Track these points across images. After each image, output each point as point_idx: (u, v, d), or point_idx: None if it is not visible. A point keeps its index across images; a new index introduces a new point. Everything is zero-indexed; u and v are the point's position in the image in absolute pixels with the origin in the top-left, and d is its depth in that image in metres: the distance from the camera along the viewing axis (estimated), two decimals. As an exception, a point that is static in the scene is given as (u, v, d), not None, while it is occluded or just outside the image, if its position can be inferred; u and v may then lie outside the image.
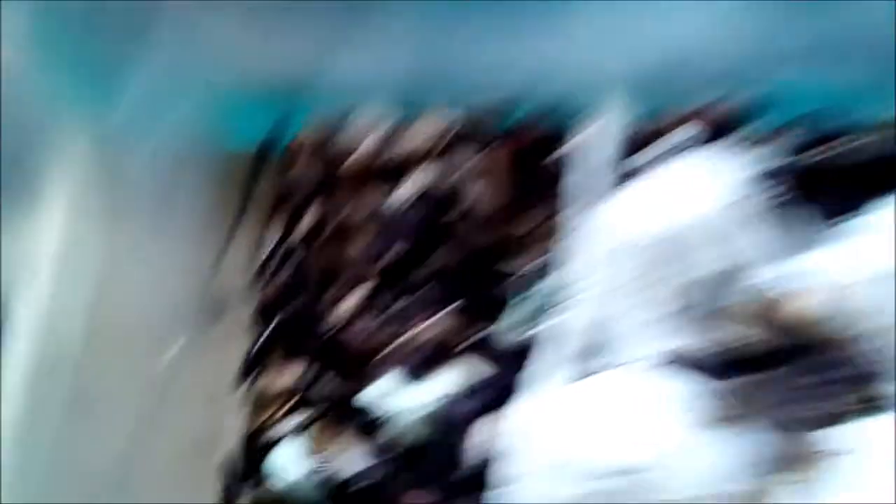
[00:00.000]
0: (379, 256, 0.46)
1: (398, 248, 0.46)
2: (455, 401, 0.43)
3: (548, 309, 0.41)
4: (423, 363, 0.44)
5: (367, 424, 0.44)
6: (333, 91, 0.46)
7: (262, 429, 0.45)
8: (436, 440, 0.43)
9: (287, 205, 0.49)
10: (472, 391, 0.43)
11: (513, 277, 0.44)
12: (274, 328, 0.47)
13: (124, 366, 0.43)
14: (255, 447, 0.45)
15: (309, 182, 0.49)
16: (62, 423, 0.39)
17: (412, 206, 0.46)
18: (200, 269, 0.47)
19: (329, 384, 0.45)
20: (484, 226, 0.46)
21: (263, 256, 0.48)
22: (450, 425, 0.43)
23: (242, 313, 0.48)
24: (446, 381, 0.44)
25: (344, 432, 0.44)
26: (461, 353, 0.44)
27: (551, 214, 0.43)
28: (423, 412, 0.43)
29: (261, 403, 0.46)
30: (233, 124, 0.48)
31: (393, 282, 0.46)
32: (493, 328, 0.44)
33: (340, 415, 0.45)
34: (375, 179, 0.48)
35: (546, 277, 0.42)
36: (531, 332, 0.41)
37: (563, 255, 0.41)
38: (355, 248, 0.47)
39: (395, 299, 0.46)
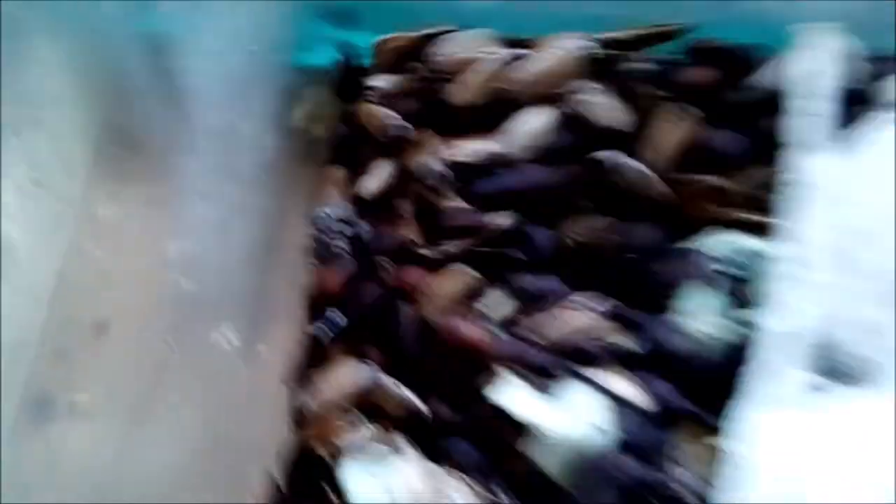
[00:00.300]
0: (485, 224, 0.38)
1: (512, 212, 0.38)
2: (608, 422, 0.33)
3: (745, 303, 0.34)
4: (554, 371, 0.35)
5: (471, 447, 0.36)
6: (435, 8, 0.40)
7: (320, 441, 0.38)
8: (588, 478, 0.33)
9: (361, 149, 0.41)
10: (631, 409, 0.34)
11: (687, 257, 0.36)
12: (337, 318, 0.40)
13: (113, 354, 0.39)
14: (310, 463, 0.38)
15: (392, 117, 0.41)
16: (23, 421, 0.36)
17: (534, 155, 0.39)
18: (243, 231, 0.40)
19: (412, 391, 0.38)
20: (639, 185, 0.38)
21: (324, 220, 0.41)
22: (606, 456, 0.33)
23: (293, 298, 0.41)
24: (591, 396, 0.34)
25: (436, 454, 0.37)
26: (612, 358, 0.35)
27: (744, 170, 0.36)
28: (562, 437, 0.33)
29: (318, 410, 0.38)
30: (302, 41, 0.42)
31: (504, 260, 0.38)
32: (657, 326, 0.36)
33: (430, 431, 0.37)
34: (483, 118, 0.40)
35: (741, 258, 0.35)
36: (723, 333, 0.34)
37: (770, 226, 0.33)
38: (451, 211, 0.39)
39: (507, 283, 0.38)
